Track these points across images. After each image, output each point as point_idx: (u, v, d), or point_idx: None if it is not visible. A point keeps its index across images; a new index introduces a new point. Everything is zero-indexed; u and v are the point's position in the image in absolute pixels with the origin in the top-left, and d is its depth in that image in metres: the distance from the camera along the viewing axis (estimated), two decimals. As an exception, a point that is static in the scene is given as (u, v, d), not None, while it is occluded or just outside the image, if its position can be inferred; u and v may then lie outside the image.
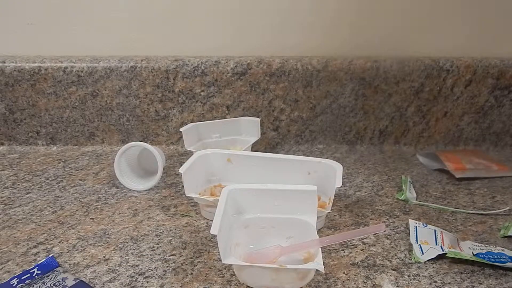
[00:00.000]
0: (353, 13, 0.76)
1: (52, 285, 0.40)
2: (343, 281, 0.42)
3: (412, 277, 0.43)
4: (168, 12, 0.76)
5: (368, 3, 0.76)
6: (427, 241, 0.48)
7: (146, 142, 0.63)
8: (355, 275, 0.43)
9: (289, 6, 0.76)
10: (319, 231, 0.51)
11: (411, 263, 0.45)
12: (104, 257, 0.46)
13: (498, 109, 0.77)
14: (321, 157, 0.66)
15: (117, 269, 0.44)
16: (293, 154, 0.73)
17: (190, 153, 0.62)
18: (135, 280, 0.42)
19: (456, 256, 0.44)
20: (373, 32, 0.77)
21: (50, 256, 0.43)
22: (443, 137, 0.79)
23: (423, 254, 0.46)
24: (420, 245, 0.47)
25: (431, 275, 0.43)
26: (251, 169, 0.57)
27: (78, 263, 0.45)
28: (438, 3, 0.76)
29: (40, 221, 0.53)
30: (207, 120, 0.76)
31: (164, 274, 0.43)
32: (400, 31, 0.77)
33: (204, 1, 0.76)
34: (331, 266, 0.44)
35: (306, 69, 0.74)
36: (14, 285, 0.40)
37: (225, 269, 0.44)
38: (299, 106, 0.77)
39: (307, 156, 0.70)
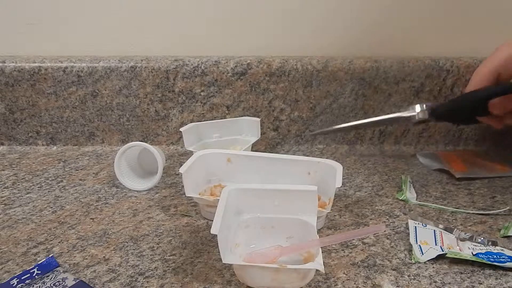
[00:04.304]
0: (353, 13, 0.76)
1: (52, 285, 0.40)
2: (343, 281, 0.42)
3: (412, 277, 0.43)
4: (168, 12, 0.76)
5: (368, 3, 0.76)
6: (427, 241, 0.48)
7: (146, 142, 0.63)
8: (355, 275, 0.43)
9: (289, 6, 0.76)
10: (319, 231, 0.51)
11: (411, 263, 0.45)
12: (104, 257, 0.46)
13: (498, 109, 0.77)
14: (321, 157, 0.67)
15: (117, 269, 0.44)
16: (293, 154, 0.73)
17: (190, 153, 0.62)
18: (135, 280, 0.42)
19: (456, 256, 0.45)
20: (373, 32, 0.77)
21: (50, 256, 0.43)
22: (443, 137, 0.79)
23: (422, 254, 0.46)
24: (419, 245, 0.47)
25: (431, 275, 0.43)
26: (251, 169, 0.57)
27: (78, 263, 0.45)
28: (438, 3, 0.76)
29: (40, 221, 0.53)
30: (207, 120, 0.76)
31: (164, 274, 0.43)
32: (400, 31, 0.78)
33: (204, 1, 0.76)
34: (331, 266, 0.44)
35: (306, 69, 0.74)
36: (14, 285, 0.40)
37: (225, 269, 0.44)
38: (299, 106, 0.77)
39: (307, 156, 0.71)
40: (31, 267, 0.42)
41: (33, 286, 0.40)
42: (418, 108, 0.64)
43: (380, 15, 0.76)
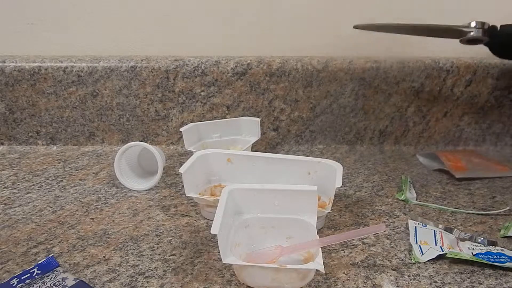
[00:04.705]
0: (353, 13, 0.76)
1: (52, 285, 0.40)
2: (343, 281, 0.42)
3: (412, 277, 0.43)
4: (168, 12, 0.76)
5: (368, 3, 0.76)
6: (427, 241, 0.48)
7: (146, 142, 0.63)
8: (355, 275, 0.43)
9: (289, 6, 0.76)
10: (319, 231, 0.51)
11: (411, 263, 0.45)
12: (104, 257, 0.46)
13: (498, 109, 0.77)
14: (321, 157, 0.67)
15: (117, 269, 0.44)
16: (293, 154, 0.73)
17: (190, 153, 0.62)
18: (135, 280, 0.42)
19: (456, 257, 0.45)
20: (373, 32, 0.77)
21: (50, 256, 0.43)
22: (443, 137, 0.79)
23: (422, 254, 0.46)
24: (419, 245, 0.47)
25: (431, 275, 0.43)
26: (251, 169, 0.57)
27: (78, 263, 0.45)
28: (438, 3, 0.76)
29: (40, 221, 0.53)
30: (207, 120, 0.76)
31: (164, 274, 0.43)
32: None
33: (204, 1, 0.76)
34: (331, 266, 0.44)
35: (306, 69, 0.74)
36: (14, 285, 0.40)
37: (225, 269, 0.44)
38: (299, 106, 0.77)
39: (307, 156, 0.71)
40: (31, 267, 0.42)
41: (33, 286, 0.40)
42: (474, 23, 0.57)
43: (380, 15, 0.76)
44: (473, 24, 0.57)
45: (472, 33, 0.58)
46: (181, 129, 0.67)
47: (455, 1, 0.76)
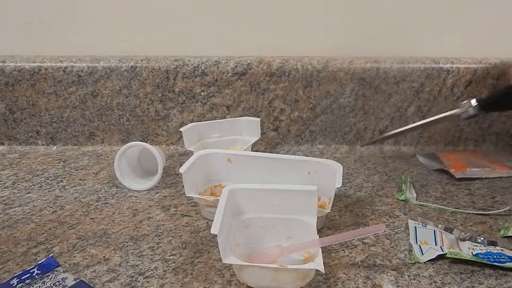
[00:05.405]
0: (353, 13, 0.76)
1: (52, 285, 0.40)
2: (343, 281, 0.42)
3: (412, 277, 0.43)
4: (168, 12, 0.76)
5: (368, 3, 0.76)
6: (427, 241, 0.48)
7: (146, 142, 0.63)
8: (355, 275, 0.43)
9: (289, 6, 0.76)
10: (319, 231, 0.51)
11: (411, 263, 0.45)
12: (104, 257, 0.46)
13: (498, 109, 0.77)
14: (321, 157, 0.67)
15: (117, 269, 0.44)
16: (293, 154, 0.73)
17: (190, 153, 0.63)
18: (135, 280, 0.42)
19: (456, 257, 0.45)
20: (373, 32, 0.77)
21: (50, 256, 0.43)
22: (443, 137, 0.79)
23: (422, 254, 0.46)
24: (419, 245, 0.47)
25: (431, 275, 0.43)
26: (251, 169, 0.57)
27: (78, 263, 0.45)
28: (438, 3, 0.76)
29: (40, 221, 0.53)
30: (207, 120, 0.76)
31: (164, 274, 0.43)
32: (400, 31, 0.78)
33: (204, 1, 0.76)
34: (331, 266, 0.44)
35: (306, 69, 0.74)
36: (14, 285, 0.40)
37: (225, 269, 0.44)
38: (299, 106, 0.77)
39: (307, 156, 0.71)
40: (31, 267, 0.42)
41: (33, 286, 0.40)
42: (467, 104, 0.65)
43: (380, 15, 0.76)
44: (467, 104, 0.65)
45: (468, 113, 0.65)
46: (181, 129, 0.67)
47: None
